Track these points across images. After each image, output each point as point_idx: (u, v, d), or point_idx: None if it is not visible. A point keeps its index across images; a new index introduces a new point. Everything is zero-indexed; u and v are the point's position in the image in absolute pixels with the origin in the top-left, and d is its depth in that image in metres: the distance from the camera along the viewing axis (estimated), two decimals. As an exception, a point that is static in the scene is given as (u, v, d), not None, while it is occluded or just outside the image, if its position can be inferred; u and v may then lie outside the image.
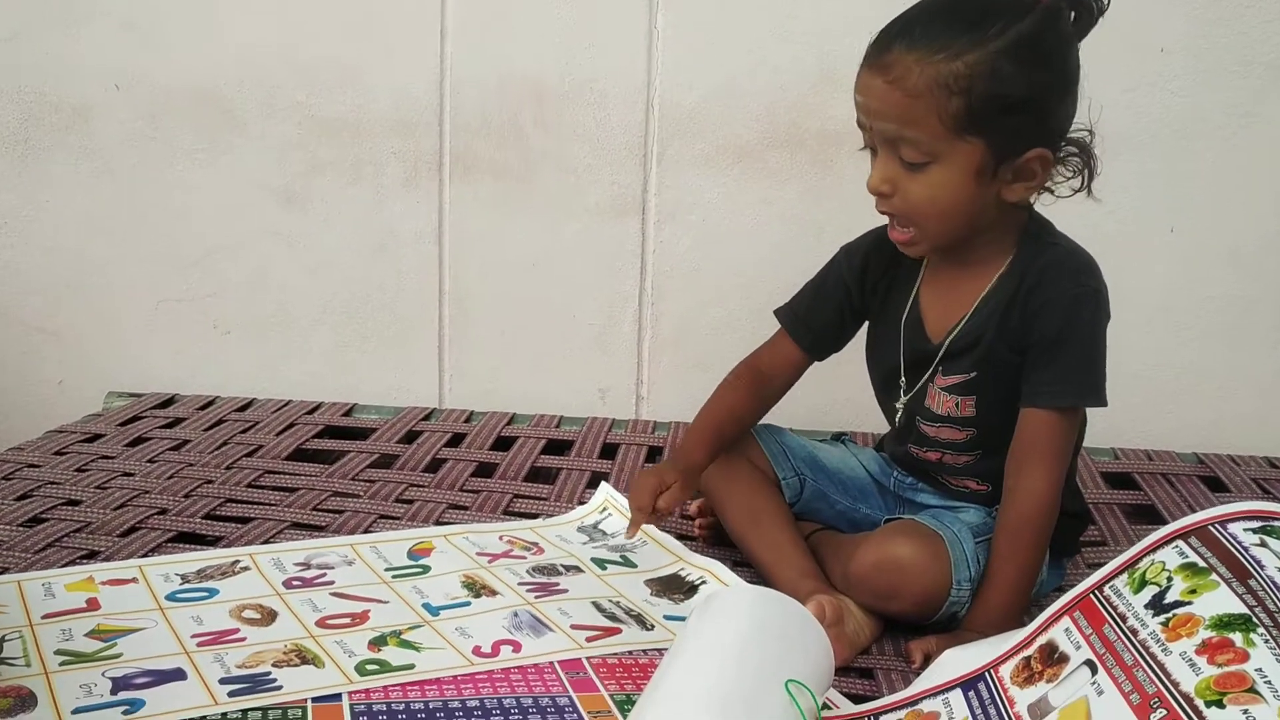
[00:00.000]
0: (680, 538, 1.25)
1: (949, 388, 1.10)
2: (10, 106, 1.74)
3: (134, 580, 1.10)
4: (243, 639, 0.99)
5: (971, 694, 0.88)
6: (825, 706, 0.87)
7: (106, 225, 1.77)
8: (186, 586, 1.09)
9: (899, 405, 1.15)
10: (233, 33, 1.71)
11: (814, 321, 1.18)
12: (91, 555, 1.16)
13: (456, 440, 1.58)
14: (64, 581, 1.08)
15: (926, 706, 0.90)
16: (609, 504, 1.33)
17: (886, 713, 0.92)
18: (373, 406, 1.70)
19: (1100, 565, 1.23)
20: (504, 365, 1.78)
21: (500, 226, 1.73)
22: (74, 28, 1.72)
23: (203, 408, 1.67)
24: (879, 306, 1.16)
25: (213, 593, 1.08)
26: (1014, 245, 1.07)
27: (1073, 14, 1.01)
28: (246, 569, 1.14)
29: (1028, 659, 0.87)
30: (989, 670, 0.89)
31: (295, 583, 1.11)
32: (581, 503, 1.36)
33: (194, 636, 0.99)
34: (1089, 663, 0.81)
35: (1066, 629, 0.86)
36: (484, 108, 1.70)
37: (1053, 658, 0.84)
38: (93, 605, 1.04)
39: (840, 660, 0.96)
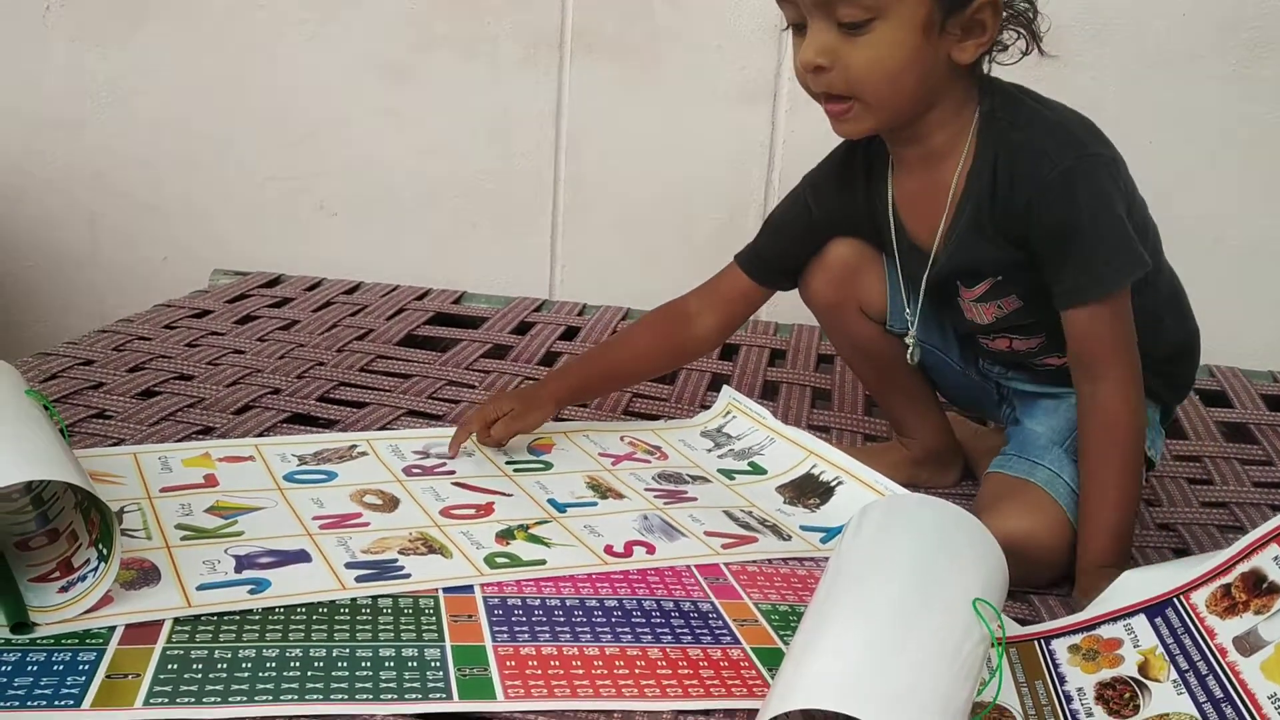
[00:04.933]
0: (813, 429, 1.18)
1: (980, 298, 1.00)
2: (118, -31, 1.68)
3: (251, 458, 1.05)
4: (366, 524, 0.94)
5: (1159, 620, 0.81)
6: (997, 627, 0.80)
7: (212, 98, 1.72)
8: (304, 468, 1.04)
9: (911, 317, 1.05)
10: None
11: (769, 254, 1.10)
12: (206, 431, 1.13)
13: (570, 334, 1.51)
14: (181, 456, 1.04)
15: (1106, 632, 0.83)
16: (733, 407, 1.26)
17: (1060, 636, 0.84)
18: (482, 295, 1.64)
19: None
20: (619, 257, 1.70)
21: (621, 109, 1.64)
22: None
23: (310, 289, 1.62)
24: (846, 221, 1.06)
25: (331, 475, 1.04)
26: (971, 127, 0.94)
27: None
28: (364, 454, 1.09)
29: (1227, 587, 0.79)
30: (1178, 596, 0.81)
31: (415, 470, 1.06)
32: (704, 406, 1.30)
33: (315, 519, 0.94)
34: (1310, 596, 0.72)
35: (1276, 557, 0.77)
36: (609, -20, 1.60)
37: (1260, 587, 0.76)
38: (210, 481, 1.00)
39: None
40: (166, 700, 0.69)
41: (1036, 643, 0.85)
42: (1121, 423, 0.92)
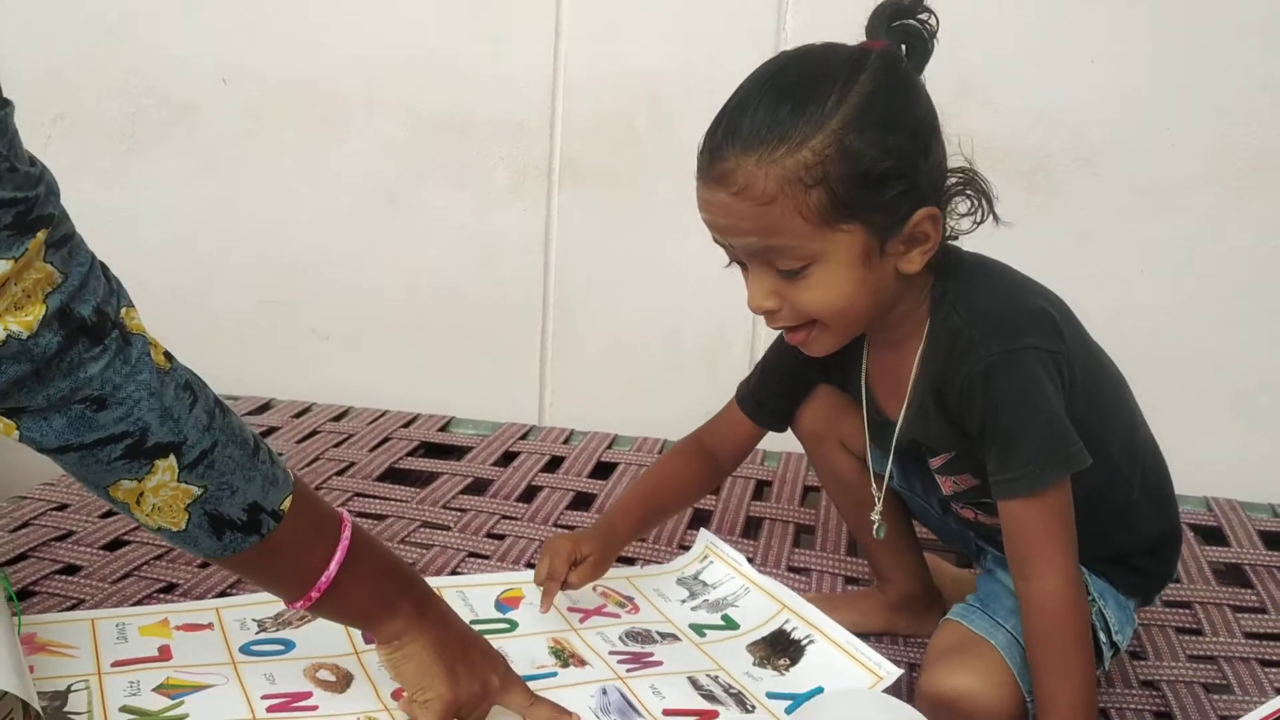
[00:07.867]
0: (792, 571, 1.16)
1: (940, 469, 1.00)
2: (117, 100, 1.71)
3: (209, 626, 1.05)
4: (314, 707, 0.93)
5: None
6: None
7: (207, 224, 1.74)
8: (262, 636, 1.04)
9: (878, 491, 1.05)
10: (341, 26, 1.65)
11: (765, 397, 1.12)
12: (169, 589, 1.12)
13: (554, 464, 1.50)
14: (138, 624, 1.04)
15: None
16: (710, 551, 1.24)
17: None
18: (470, 421, 1.63)
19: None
20: (607, 383, 1.69)
21: (610, 237, 1.64)
22: (185, 18, 1.67)
23: (298, 415, 1.63)
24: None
25: (289, 646, 1.02)
26: (928, 311, 0.94)
27: (904, 50, 0.87)
28: (326, 614, 1.08)
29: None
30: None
31: (375, 636, 1.05)
32: (683, 546, 1.28)
33: (265, 697, 0.93)
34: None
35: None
36: (598, 110, 1.61)
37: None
38: (164, 654, 0.99)
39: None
40: None
41: None
42: (1065, 615, 0.88)
